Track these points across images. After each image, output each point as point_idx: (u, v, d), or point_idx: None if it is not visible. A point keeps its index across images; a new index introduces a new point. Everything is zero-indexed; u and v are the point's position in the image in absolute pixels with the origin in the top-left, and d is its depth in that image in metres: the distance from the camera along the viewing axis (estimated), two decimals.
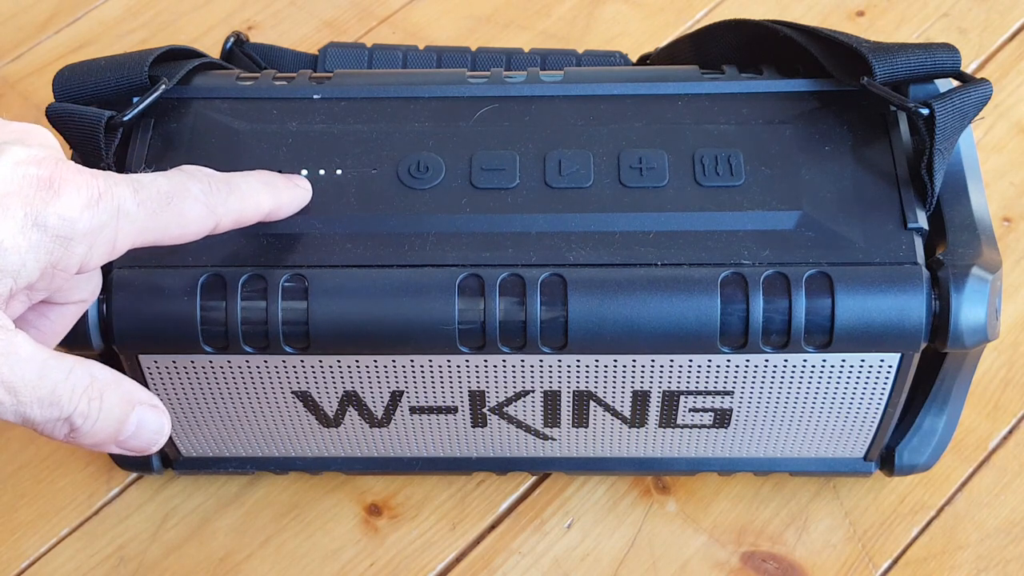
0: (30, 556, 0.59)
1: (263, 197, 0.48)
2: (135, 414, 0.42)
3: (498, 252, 0.49)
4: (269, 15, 0.79)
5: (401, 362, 0.51)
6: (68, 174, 0.40)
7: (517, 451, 0.57)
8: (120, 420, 0.42)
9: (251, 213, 0.47)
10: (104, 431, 0.41)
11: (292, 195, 0.50)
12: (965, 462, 0.60)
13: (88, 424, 0.41)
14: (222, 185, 0.45)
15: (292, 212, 0.50)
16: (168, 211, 0.43)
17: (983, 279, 0.49)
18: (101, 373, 0.41)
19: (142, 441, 0.43)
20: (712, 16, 0.78)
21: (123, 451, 0.43)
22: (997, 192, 0.69)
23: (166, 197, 0.43)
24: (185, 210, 0.43)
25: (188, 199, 0.44)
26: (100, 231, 0.40)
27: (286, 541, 0.59)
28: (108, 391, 0.41)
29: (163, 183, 0.43)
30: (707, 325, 0.48)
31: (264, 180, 0.48)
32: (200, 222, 0.44)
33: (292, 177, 0.50)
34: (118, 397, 0.42)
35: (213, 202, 0.45)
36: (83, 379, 0.40)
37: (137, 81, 0.53)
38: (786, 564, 0.58)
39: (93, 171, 0.41)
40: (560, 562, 0.58)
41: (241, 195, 0.46)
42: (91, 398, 0.41)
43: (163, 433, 0.43)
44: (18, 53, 0.77)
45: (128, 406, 0.42)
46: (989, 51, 0.76)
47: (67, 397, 0.40)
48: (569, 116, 0.53)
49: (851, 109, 0.53)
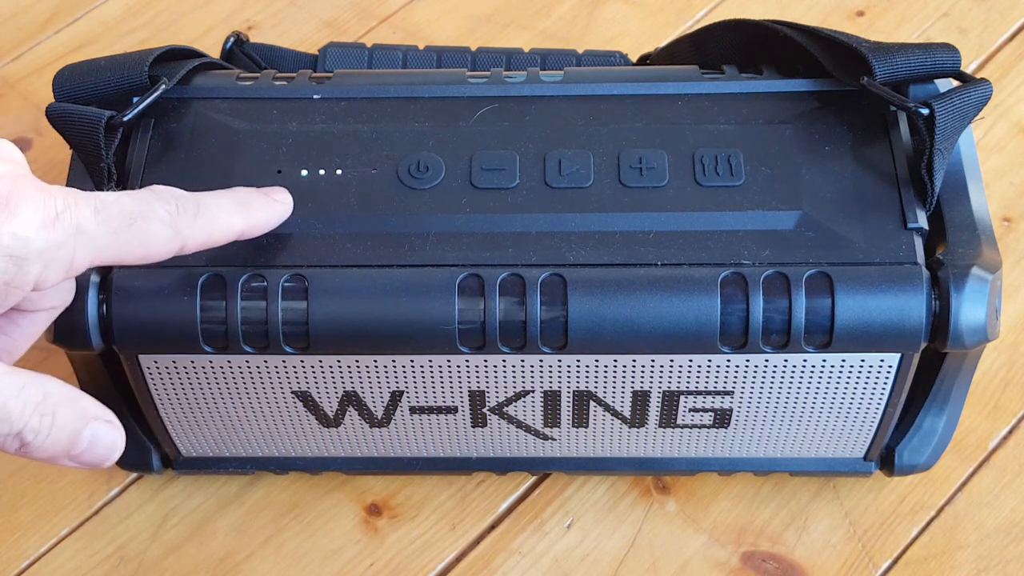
0: (30, 556, 0.59)
1: (234, 218, 0.47)
2: (88, 430, 0.42)
3: (498, 252, 0.49)
4: (269, 15, 0.79)
5: (401, 362, 0.51)
6: (26, 191, 0.39)
7: (517, 451, 0.57)
8: (73, 435, 0.42)
9: (221, 235, 0.46)
10: (56, 446, 0.41)
11: (268, 212, 0.49)
12: (965, 462, 0.60)
13: (39, 439, 0.41)
14: (190, 206, 0.45)
15: (269, 229, 0.49)
16: (130, 232, 0.42)
17: (983, 279, 0.49)
18: (55, 389, 0.41)
19: (95, 456, 0.43)
20: (712, 16, 0.78)
21: (76, 465, 0.43)
22: (997, 192, 0.69)
23: (129, 217, 0.42)
24: (149, 231, 0.43)
25: (153, 220, 0.43)
26: (56, 250, 0.40)
27: (286, 541, 0.59)
28: (61, 407, 0.41)
29: (127, 203, 0.42)
30: (707, 325, 0.48)
31: (237, 199, 0.47)
32: (164, 244, 0.44)
33: (271, 191, 0.50)
34: (72, 413, 0.41)
35: (179, 223, 0.44)
36: (35, 395, 0.40)
37: (137, 81, 0.53)
38: (786, 564, 0.58)
39: (54, 188, 0.40)
40: (560, 562, 0.58)
41: (210, 217, 0.45)
42: (43, 414, 0.40)
43: (116, 448, 0.43)
44: (18, 53, 0.77)
45: (81, 422, 0.42)
46: (989, 51, 0.76)
47: (17, 413, 0.40)
48: (569, 116, 0.53)
49: (851, 109, 0.53)
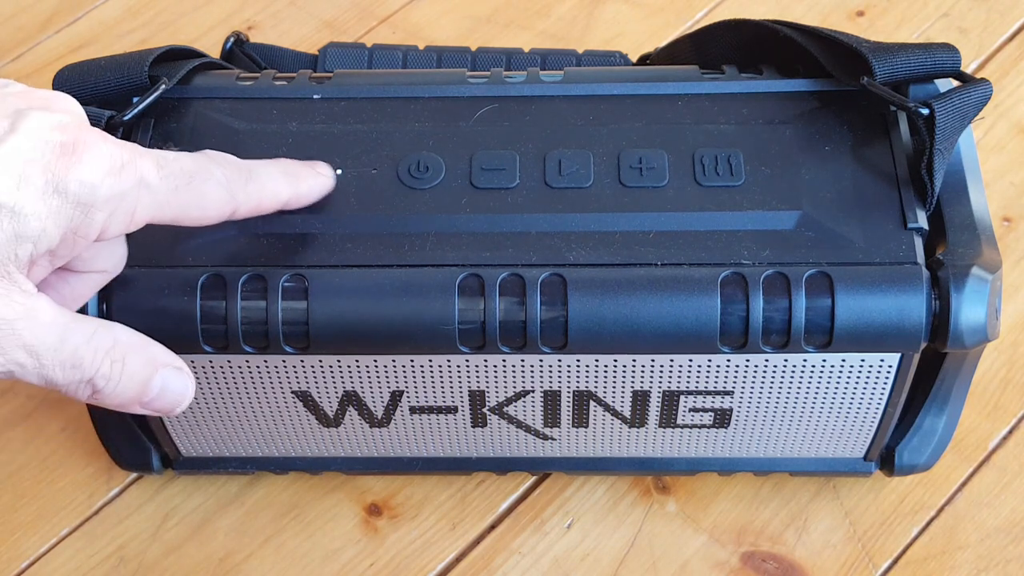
0: (30, 556, 0.59)
1: (282, 186, 0.48)
2: (159, 376, 0.43)
3: (498, 252, 0.49)
4: (269, 15, 0.79)
5: (401, 362, 0.51)
6: (92, 140, 0.40)
7: (517, 451, 0.57)
8: (143, 382, 0.43)
9: (270, 202, 0.48)
10: (127, 392, 0.43)
11: (312, 184, 0.50)
12: (965, 462, 0.60)
13: (111, 386, 0.42)
14: (243, 172, 0.46)
15: (313, 200, 0.50)
16: (189, 190, 0.43)
17: (983, 279, 0.49)
18: (124, 336, 0.42)
19: (166, 402, 0.44)
20: (712, 16, 0.78)
21: (148, 412, 0.44)
22: (997, 192, 0.69)
23: (188, 176, 0.43)
24: (206, 192, 0.44)
25: (210, 181, 0.44)
26: (121, 199, 0.41)
27: (286, 541, 0.59)
28: (131, 354, 0.42)
29: (187, 162, 0.44)
30: (707, 325, 0.48)
31: (284, 169, 0.49)
32: (220, 206, 0.45)
33: (314, 164, 0.50)
34: (141, 359, 0.43)
35: (234, 188, 0.45)
36: (105, 341, 0.42)
37: (137, 81, 0.53)
38: (786, 564, 0.58)
39: (118, 140, 0.41)
40: (560, 562, 0.58)
41: (261, 183, 0.47)
42: (113, 360, 0.42)
43: (187, 395, 0.45)
44: (18, 53, 0.77)
45: (152, 368, 0.43)
46: (989, 51, 0.76)
47: (89, 360, 0.41)
48: (569, 116, 0.53)
49: (851, 109, 0.53)
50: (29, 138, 0.39)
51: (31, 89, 0.42)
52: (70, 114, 0.41)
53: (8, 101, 0.41)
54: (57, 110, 0.41)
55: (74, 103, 0.43)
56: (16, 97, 0.41)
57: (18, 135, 0.39)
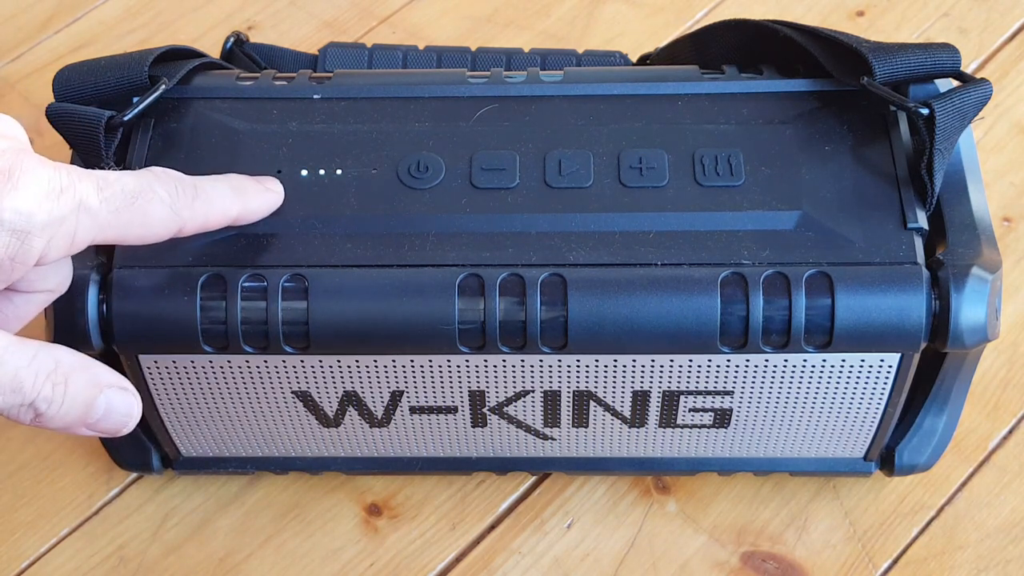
0: (30, 556, 0.59)
1: (230, 203, 0.47)
2: (103, 397, 0.42)
3: (498, 252, 0.49)
4: (269, 15, 0.79)
5: (401, 362, 0.51)
6: (28, 166, 0.39)
7: (517, 451, 0.57)
8: (87, 404, 0.42)
9: (217, 218, 0.47)
10: (70, 415, 0.41)
11: (261, 200, 0.49)
12: (965, 462, 0.60)
13: (53, 408, 0.41)
14: (188, 189, 0.45)
15: (262, 216, 0.50)
16: (131, 210, 0.43)
17: (983, 279, 0.49)
18: (66, 357, 0.41)
19: (112, 423, 0.43)
20: (712, 16, 0.78)
21: (93, 433, 0.43)
22: (997, 192, 0.69)
23: (131, 196, 0.43)
24: (149, 211, 0.43)
25: (153, 200, 0.43)
26: (59, 225, 0.40)
27: (286, 541, 0.59)
28: (73, 375, 0.41)
29: (129, 182, 0.43)
30: (707, 325, 0.48)
31: (233, 185, 0.48)
32: (163, 224, 0.44)
33: (264, 180, 0.50)
34: (84, 380, 0.42)
35: (178, 205, 0.44)
36: (47, 364, 0.40)
37: (137, 81, 0.53)
38: (786, 564, 0.58)
39: (57, 164, 0.41)
40: (560, 562, 0.58)
41: (207, 200, 0.46)
42: (55, 383, 0.40)
43: (133, 415, 0.43)
44: (18, 53, 0.77)
45: (95, 389, 0.42)
46: (989, 51, 0.76)
47: (30, 383, 0.40)
48: (569, 116, 0.53)
49: (851, 109, 0.53)
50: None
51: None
52: (9, 138, 0.41)
53: None
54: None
55: (17, 127, 0.42)
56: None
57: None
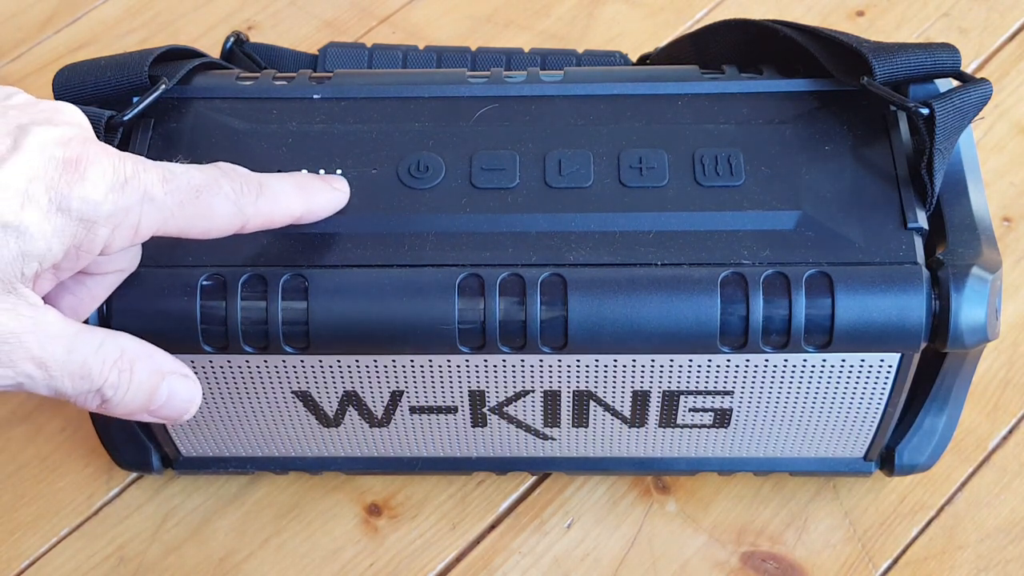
0: (30, 556, 0.59)
1: (294, 201, 0.47)
2: (165, 384, 0.44)
3: (498, 252, 0.49)
4: (269, 15, 0.79)
5: (401, 362, 0.51)
6: (95, 155, 0.40)
7: (517, 451, 0.57)
8: (151, 391, 0.43)
9: (280, 216, 0.47)
10: (135, 401, 0.43)
11: (326, 199, 0.49)
12: (965, 462, 0.60)
13: (119, 395, 0.42)
14: (254, 186, 0.45)
15: (326, 215, 0.49)
16: (196, 204, 0.43)
17: (983, 279, 0.49)
18: (131, 345, 0.43)
19: (173, 410, 0.44)
20: (712, 16, 0.78)
21: (155, 419, 0.44)
22: (997, 192, 0.69)
23: (195, 190, 0.43)
24: (214, 206, 0.44)
25: (218, 195, 0.44)
26: (124, 215, 0.41)
27: (286, 541, 0.59)
28: (138, 363, 0.43)
29: (195, 176, 0.43)
30: (707, 325, 0.48)
31: (298, 183, 0.48)
32: (227, 220, 0.44)
33: (329, 178, 0.50)
34: (148, 368, 0.43)
35: (243, 202, 0.45)
36: (113, 351, 0.42)
37: (137, 81, 0.53)
38: (786, 564, 0.58)
39: (123, 154, 0.41)
40: (560, 562, 0.58)
41: (272, 198, 0.46)
42: (121, 370, 0.42)
43: (194, 402, 0.45)
44: (18, 53, 0.77)
45: (158, 377, 0.43)
46: (989, 51, 0.76)
47: (97, 370, 0.41)
48: (569, 116, 0.53)
49: (851, 109, 0.53)
50: (32, 155, 0.39)
51: (35, 100, 0.42)
52: (74, 127, 0.41)
53: (10, 115, 0.40)
54: (61, 123, 0.41)
55: (79, 114, 0.42)
56: (19, 111, 0.41)
57: (22, 152, 0.39)
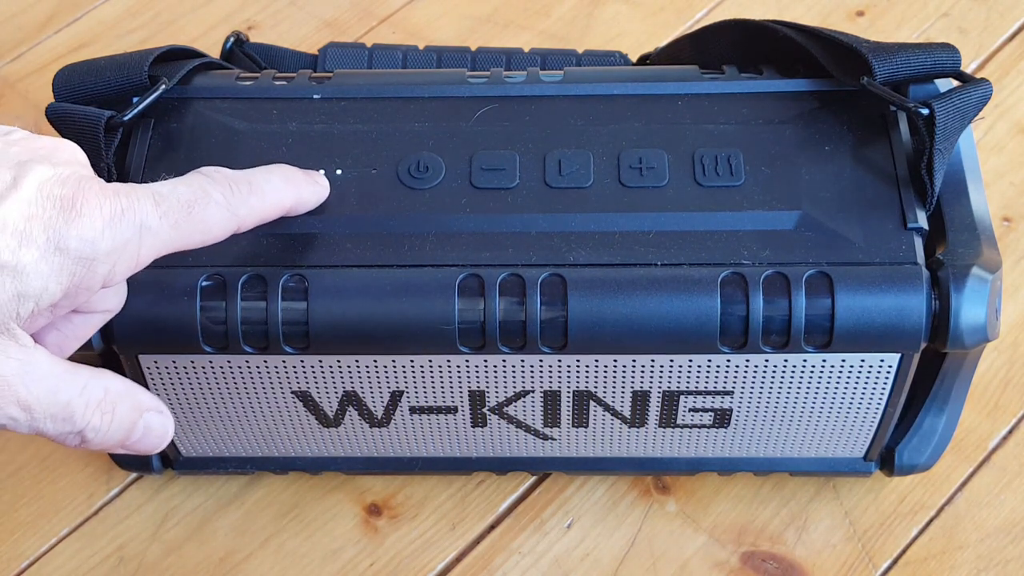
0: (30, 556, 0.59)
1: (284, 193, 0.48)
2: (142, 421, 0.43)
3: (498, 252, 0.49)
4: (269, 15, 0.79)
5: (401, 362, 0.51)
6: (90, 194, 0.40)
7: (517, 451, 0.57)
8: (129, 429, 0.43)
9: (273, 210, 0.47)
10: (113, 439, 0.43)
11: (312, 190, 0.49)
12: (965, 462, 0.60)
13: (99, 436, 0.42)
14: (243, 186, 0.45)
15: (312, 207, 0.50)
16: (190, 220, 0.43)
17: (983, 279, 0.49)
18: (114, 385, 0.42)
19: (147, 445, 0.44)
20: (712, 16, 0.78)
21: (128, 452, 0.44)
22: (997, 192, 0.69)
23: (187, 206, 0.43)
24: (207, 217, 0.43)
25: (209, 205, 0.43)
26: (123, 249, 0.40)
27: (286, 541, 0.59)
28: (120, 402, 0.42)
29: (183, 191, 0.43)
30: (707, 325, 0.48)
31: (284, 175, 0.48)
32: (222, 226, 0.44)
33: (311, 173, 0.50)
34: (128, 406, 0.43)
35: (235, 204, 0.44)
36: (96, 393, 0.41)
37: (137, 81, 0.53)
38: (786, 564, 0.58)
39: (116, 187, 0.41)
40: (560, 562, 0.58)
41: (262, 194, 0.46)
42: (103, 412, 0.42)
43: (167, 436, 0.45)
44: (18, 53, 0.77)
45: (136, 414, 0.43)
46: (989, 51, 0.76)
47: (80, 412, 0.41)
48: (569, 116, 0.53)
49: (851, 109, 0.53)
50: (31, 194, 0.39)
51: (34, 136, 0.42)
52: (72, 164, 0.41)
53: (11, 152, 0.40)
54: (59, 162, 0.41)
55: (77, 151, 0.42)
56: (19, 147, 0.41)
57: (20, 190, 0.39)
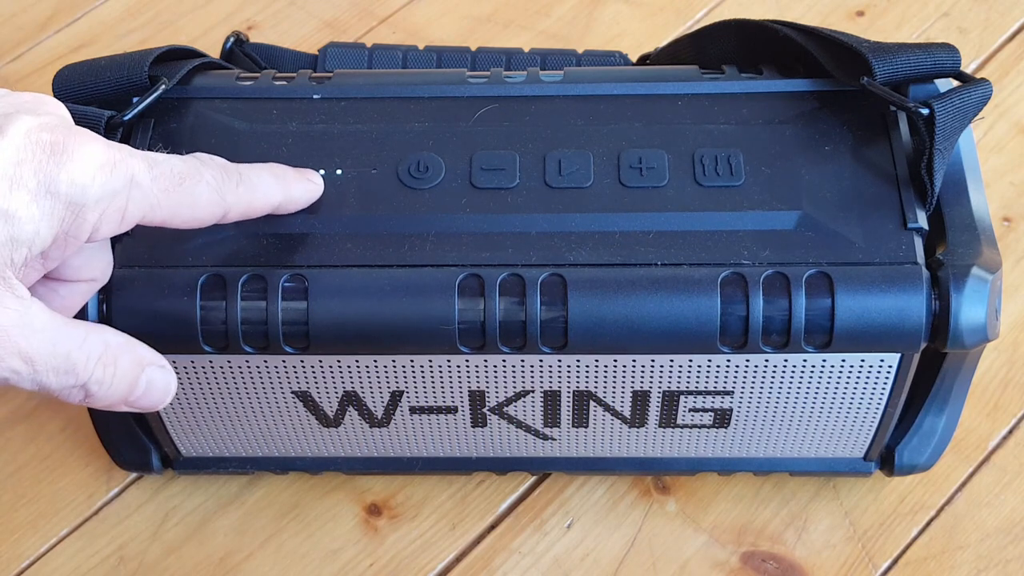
0: (30, 556, 0.59)
1: (273, 189, 0.48)
2: (144, 375, 0.44)
3: (498, 252, 0.49)
4: (269, 15, 0.79)
5: (401, 362, 0.51)
6: (81, 139, 0.40)
7: (517, 451, 0.57)
8: (131, 383, 0.44)
9: (260, 204, 0.48)
10: (117, 393, 0.43)
11: (303, 189, 0.50)
12: (965, 462, 0.60)
13: (103, 389, 0.43)
14: (233, 175, 0.46)
15: (302, 206, 0.50)
16: (180, 192, 0.43)
17: (983, 279, 0.49)
18: (114, 339, 0.43)
19: (151, 400, 0.45)
20: (712, 16, 0.78)
21: (132, 409, 0.45)
22: (997, 192, 0.69)
23: (179, 177, 0.43)
24: (196, 193, 0.44)
25: (200, 183, 0.44)
26: (112, 199, 0.41)
27: (286, 541, 0.59)
28: (121, 356, 0.43)
29: (177, 163, 0.44)
30: (707, 325, 0.48)
31: (275, 173, 0.49)
32: (210, 208, 0.45)
33: (304, 171, 0.50)
34: (130, 361, 0.44)
35: (224, 190, 0.45)
36: (97, 346, 0.42)
37: (137, 81, 0.53)
38: (786, 564, 0.58)
39: (107, 140, 0.41)
40: (560, 562, 0.58)
41: (251, 186, 0.47)
42: (105, 364, 0.42)
43: (170, 392, 0.45)
44: (18, 53, 0.77)
45: (139, 368, 0.44)
46: (989, 51, 0.76)
47: (82, 365, 0.41)
48: (569, 116, 0.53)
49: (851, 109, 0.53)
50: (19, 140, 0.39)
51: (15, 92, 0.42)
52: (57, 116, 0.41)
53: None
54: (43, 113, 0.41)
55: (60, 106, 0.43)
56: (2, 101, 0.41)
57: (8, 137, 0.39)
